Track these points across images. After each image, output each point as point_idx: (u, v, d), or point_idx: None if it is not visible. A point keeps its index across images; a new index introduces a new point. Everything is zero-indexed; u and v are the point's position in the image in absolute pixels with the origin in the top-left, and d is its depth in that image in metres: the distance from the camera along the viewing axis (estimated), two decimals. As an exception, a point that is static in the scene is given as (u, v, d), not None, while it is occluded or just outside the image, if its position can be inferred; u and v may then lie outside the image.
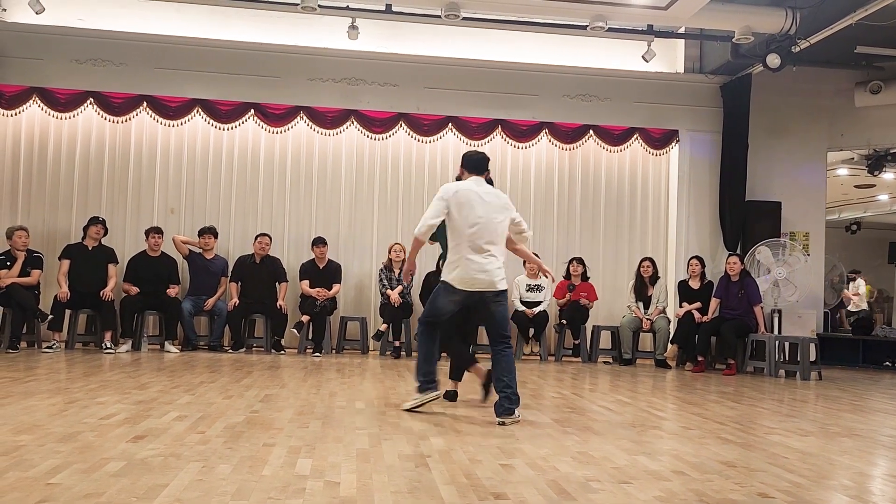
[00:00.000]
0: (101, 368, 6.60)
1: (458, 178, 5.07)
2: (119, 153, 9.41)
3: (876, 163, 11.99)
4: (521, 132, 9.92)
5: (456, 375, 5.39)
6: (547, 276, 5.36)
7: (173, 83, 9.34)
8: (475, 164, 4.99)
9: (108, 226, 8.81)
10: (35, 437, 3.56)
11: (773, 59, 8.59)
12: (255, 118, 9.52)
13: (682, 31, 9.67)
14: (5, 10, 9.19)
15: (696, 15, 8.27)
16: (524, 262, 9.09)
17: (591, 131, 10.03)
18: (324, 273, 9.07)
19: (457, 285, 4.73)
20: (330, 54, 9.57)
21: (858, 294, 14.59)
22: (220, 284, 9.03)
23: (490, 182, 5.10)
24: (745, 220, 10.01)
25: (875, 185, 14.66)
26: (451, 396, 5.32)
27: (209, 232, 9.03)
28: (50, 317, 8.12)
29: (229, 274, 9.07)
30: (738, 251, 9.69)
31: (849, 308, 14.22)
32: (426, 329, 4.97)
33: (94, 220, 8.63)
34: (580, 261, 9.48)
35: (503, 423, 4.47)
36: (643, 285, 9.34)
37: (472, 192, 4.81)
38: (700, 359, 8.65)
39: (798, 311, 9.02)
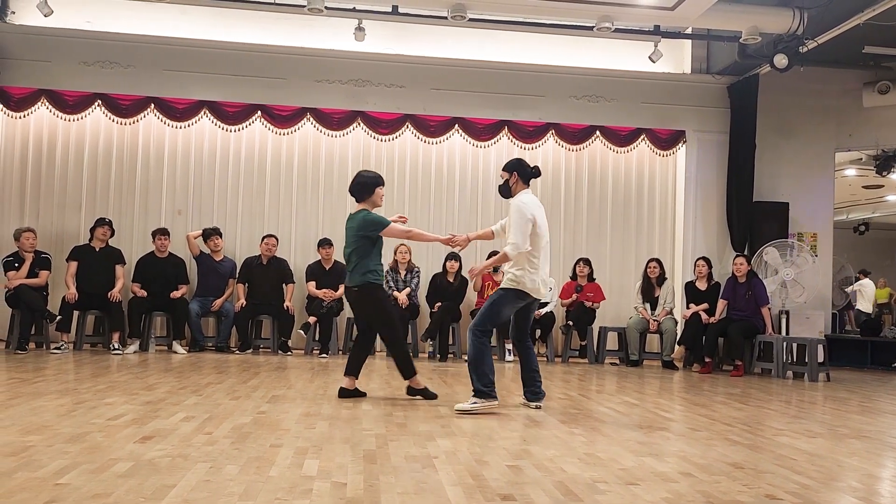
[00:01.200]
0: (109, 369, 6.62)
1: (506, 183, 5.26)
2: (127, 155, 9.44)
3: (884, 163, 11.94)
4: (528, 133, 9.91)
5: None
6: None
7: (180, 85, 9.37)
8: (531, 175, 5.24)
9: (116, 227, 8.86)
10: (43, 438, 3.58)
11: (781, 60, 8.56)
12: (262, 120, 9.54)
13: (689, 31, 9.65)
14: (14, 13, 9.24)
15: (703, 15, 8.25)
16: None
17: (598, 132, 10.02)
18: (330, 274, 9.08)
19: (533, 294, 5.10)
20: (336, 56, 9.58)
21: (861, 293, 14.48)
22: (227, 286, 9.06)
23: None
24: (753, 220, 9.98)
25: (883, 186, 14.61)
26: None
27: (215, 233, 9.06)
28: (58, 317, 8.15)
29: (237, 276, 9.10)
30: (745, 252, 9.66)
31: (857, 307, 14.14)
32: (484, 337, 5.11)
33: (101, 222, 8.66)
34: (587, 262, 9.47)
35: (539, 407, 5.14)
36: (650, 286, 9.32)
37: (540, 205, 5.24)
38: (707, 360, 8.63)
39: (806, 313, 8.99)
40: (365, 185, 5.54)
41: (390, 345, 5.60)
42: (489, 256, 9.24)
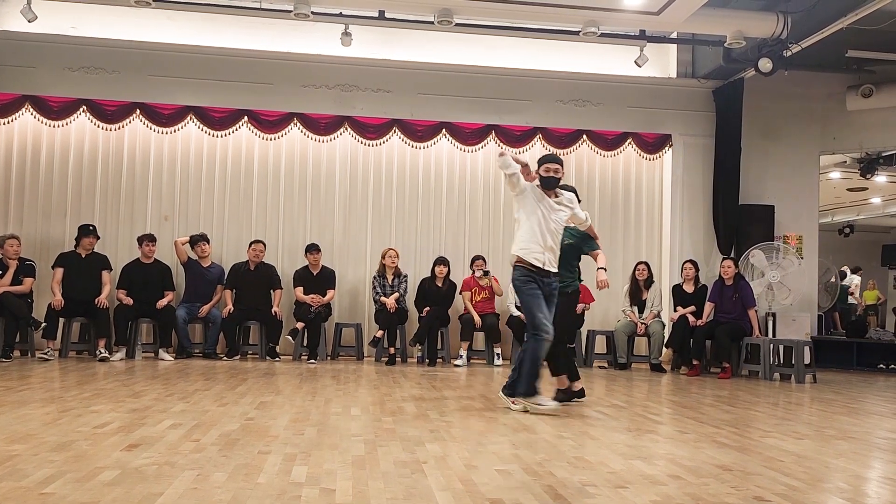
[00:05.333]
0: (96, 377, 6.57)
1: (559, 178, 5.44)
2: (112, 161, 9.39)
3: (868, 166, 12.05)
4: (515, 137, 9.93)
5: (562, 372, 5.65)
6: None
7: (166, 90, 9.33)
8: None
9: (102, 234, 8.80)
10: (29, 447, 3.55)
11: (765, 64, 8.62)
12: (249, 125, 9.51)
13: (674, 35, 9.70)
14: (-3, 19, 9.18)
15: (688, 20, 8.30)
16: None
17: (585, 136, 10.05)
18: (318, 279, 9.06)
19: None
20: (323, 61, 9.57)
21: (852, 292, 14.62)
22: (215, 292, 9.01)
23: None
24: (739, 223, 10.03)
25: (867, 189, 14.73)
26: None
27: (202, 239, 9.02)
28: (43, 325, 8.08)
29: (224, 282, 9.06)
30: (732, 255, 9.71)
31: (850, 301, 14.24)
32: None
33: (86, 231, 8.53)
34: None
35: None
36: (638, 289, 9.35)
37: None
38: (695, 362, 8.66)
39: (792, 315, 9.04)
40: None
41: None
42: (473, 262, 9.26)
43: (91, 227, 8.63)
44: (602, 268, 5.57)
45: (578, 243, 5.73)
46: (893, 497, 3.21)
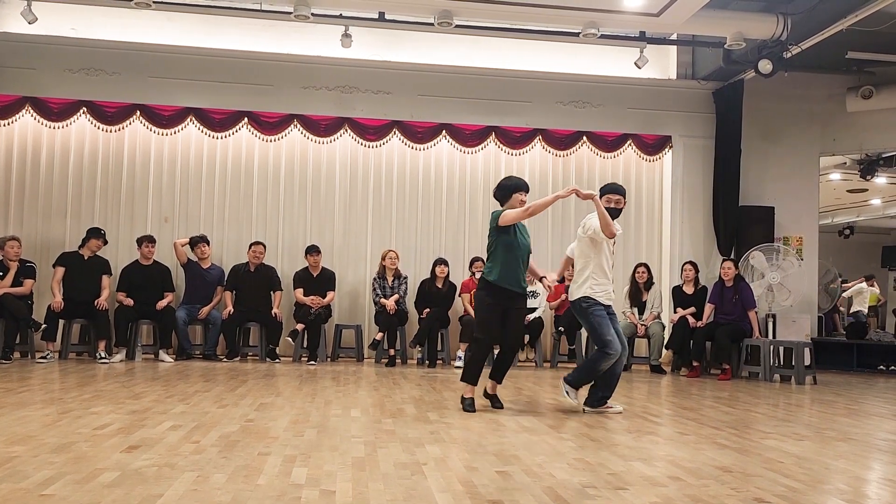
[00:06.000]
0: (95, 378, 6.57)
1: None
2: (112, 162, 9.39)
3: (868, 167, 12.05)
4: (515, 139, 9.93)
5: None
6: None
7: (166, 92, 9.33)
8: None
9: (107, 238, 8.76)
10: (28, 448, 3.54)
11: (765, 65, 8.63)
12: (249, 126, 9.51)
13: (674, 37, 9.71)
14: (-2, 20, 9.19)
15: (688, 21, 8.31)
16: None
17: (585, 138, 10.05)
18: (318, 281, 9.06)
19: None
20: (323, 62, 9.57)
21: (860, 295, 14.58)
22: (215, 294, 9.01)
23: None
24: (739, 224, 10.04)
25: (868, 190, 14.71)
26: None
27: (202, 241, 9.02)
28: (43, 326, 8.09)
29: (224, 283, 9.06)
30: (732, 256, 9.71)
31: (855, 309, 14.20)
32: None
33: (96, 234, 8.57)
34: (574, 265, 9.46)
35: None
36: (638, 291, 9.35)
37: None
38: (695, 364, 8.66)
39: (792, 316, 9.03)
40: (503, 189, 5.51)
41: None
42: (472, 263, 9.25)
43: (101, 231, 8.64)
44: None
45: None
46: (894, 498, 3.20)
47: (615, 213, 5.39)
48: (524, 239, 5.42)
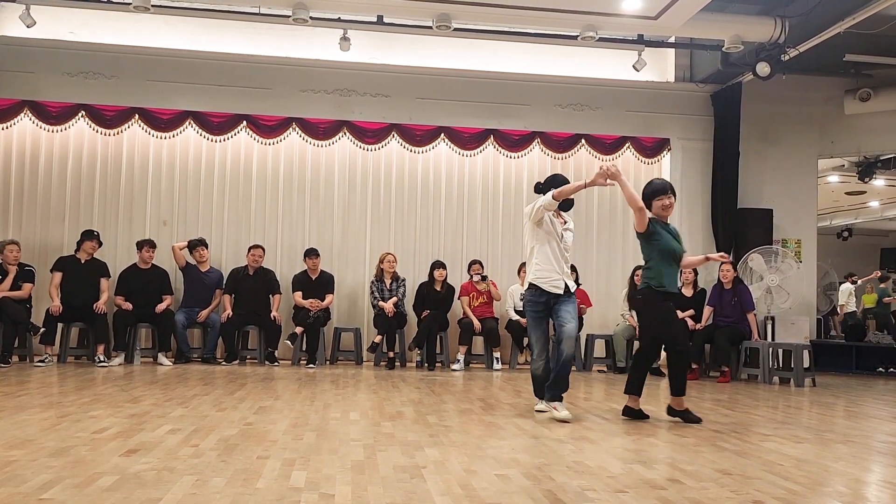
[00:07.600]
0: (94, 382, 6.56)
1: None
2: (111, 166, 9.39)
3: (866, 170, 12.07)
4: (514, 142, 9.94)
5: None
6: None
7: (165, 95, 9.34)
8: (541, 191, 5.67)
9: (101, 238, 8.78)
10: (27, 452, 3.54)
11: (763, 68, 8.64)
12: (248, 130, 9.52)
13: (672, 40, 9.73)
14: (-4, 24, 9.19)
15: (686, 24, 8.32)
16: (518, 272, 9.11)
17: (583, 140, 10.06)
18: (317, 284, 9.06)
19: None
20: (322, 65, 9.58)
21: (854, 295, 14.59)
22: (214, 297, 9.00)
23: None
24: (738, 227, 10.05)
25: (866, 192, 14.75)
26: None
27: (201, 244, 9.01)
28: (42, 329, 8.08)
29: (223, 286, 9.05)
30: (731, 258, 9.71)
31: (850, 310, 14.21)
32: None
33: (90, 236, 8.57)
34: (573, 268, 9.46)
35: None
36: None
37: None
38: (694, 366, 8.65)
39: (791, 318, 9.04)
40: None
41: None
42: (471, 266, 9.25)
43: (94, 233, 8.64)
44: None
45: None
46: (894, 501, 3.20)
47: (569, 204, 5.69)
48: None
